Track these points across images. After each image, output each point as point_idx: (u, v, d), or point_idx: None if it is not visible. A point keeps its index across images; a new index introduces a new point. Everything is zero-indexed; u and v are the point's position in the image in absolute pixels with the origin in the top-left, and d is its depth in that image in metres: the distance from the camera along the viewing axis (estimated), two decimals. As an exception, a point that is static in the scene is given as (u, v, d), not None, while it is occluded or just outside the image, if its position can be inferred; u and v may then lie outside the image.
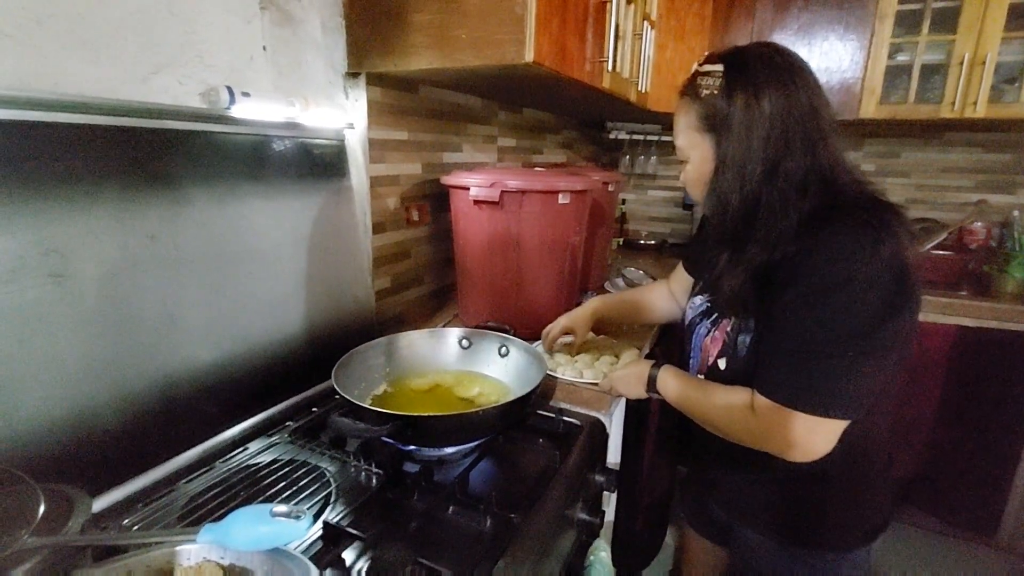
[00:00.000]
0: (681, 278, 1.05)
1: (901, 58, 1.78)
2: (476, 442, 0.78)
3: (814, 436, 0.62)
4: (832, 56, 1.80)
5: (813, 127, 0.66)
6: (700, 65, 0.71)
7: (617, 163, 2.47)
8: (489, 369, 0.97)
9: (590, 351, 1.07)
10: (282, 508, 0.43)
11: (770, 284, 0.66)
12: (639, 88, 1.48)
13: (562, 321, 1.04)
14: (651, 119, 2.16)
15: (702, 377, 0.79)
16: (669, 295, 1.09)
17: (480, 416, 0.70)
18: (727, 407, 0.70)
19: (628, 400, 1.06)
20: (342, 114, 1.06)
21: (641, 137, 2.24)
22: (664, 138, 2.23)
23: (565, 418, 0.89)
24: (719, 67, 0.67)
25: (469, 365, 0.98)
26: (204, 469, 0.75)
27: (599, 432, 0.90)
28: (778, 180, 0.65)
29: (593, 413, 0.93)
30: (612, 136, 2.24)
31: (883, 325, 0.59)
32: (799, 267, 0.62)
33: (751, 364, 0.69)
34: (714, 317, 0.79)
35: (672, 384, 0.79)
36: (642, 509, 1.27)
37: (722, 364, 0.73)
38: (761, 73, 0.65)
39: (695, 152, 0.73)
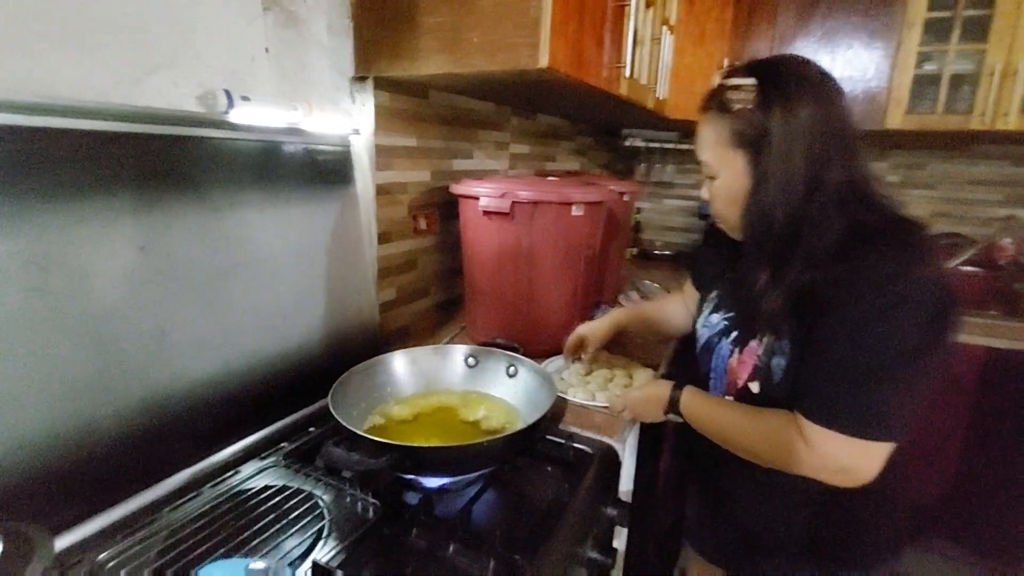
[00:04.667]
0: (691, 293, 1.01)
1: (929, 67, 1.71)
2: (481, 472, 0.73)
3: (867, 461, 0.60)
4: (856, 64, 1.73)
5: (849, 139, 0.64)
6: (725, 78, 0.67)
7: (632, 171, 2.42)
8: (496, 389, 0.92)
9: (602, 371, 1.01)
10: (259, 566, 0.38)
11: (808, 305, 0.62)
12: (657, 95, 1.43)
13: (580, 331, 1.01)
14: (668, 126, 2.10)
15: (730, 399, 0.74)
16: (684, 309, 1.05)
17: (485, 447, 0.64)
18: (768, 432, 0.66)
19: (642, 423, 1.01)
20: (348, 119, 1.01)
21: (657, 145, 2.19)
22: (681, 146, 2.18)
23: (576, 444, 0.83)
24: (751, 80, 0.64)
25: (475, 384, 0.93)
26: (192, 495, 0.71)
27: (611, 461, 0.85)
28: (820, 195, 0.62)
29: (605, 439, 0.88)
30: (628, 144, 2.19)
31: (933, 347, 0.58)
32: (844, 289, 0.59)
33: (787, 388, 0.66)
34: (734, 336, 0.74)
35: (698, 406, 0.75)
36: (653, 538, 1.21)
37: (755, 388, 0.69)
38: (796, 85, 0.62)
39: (726, 169, 0.69)
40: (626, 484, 0.97)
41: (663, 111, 1.58)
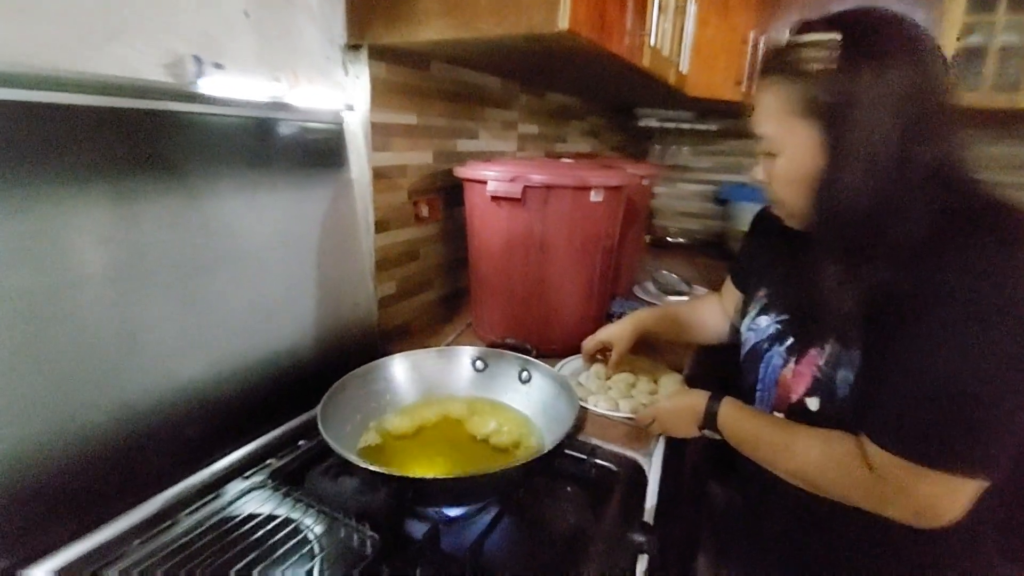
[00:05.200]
0: (732, 293, 0.90)
1: (974, 39, 1.58)
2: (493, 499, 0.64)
3: (951, 500, 0.50)
4: (894, 36, 1.60)
5: (948, 110, 0.53)
6: (798, 34, 0.56)
7: (647, 153, 2.29)
8: (508, 397, 0.82)
9: (624, 375, 0.92)
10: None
11: (886, 309, 0.52)
12: (679, 69, 1.31)
13: (600, 335, 0.91)
14: (685, 105, 1.97)
15: (780, 415, 0.64)
16: (722, 312, 0.94)
17: (499, 476, 0.55)
18: (826, 458, 0.56)
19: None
20: (340, 94, 0.91)
21: (673, 125, 2.07)
22: (698, 126, 2.05)
23: (598, 460, 0.75)
24: (833, 36, 0.53)
25: (484, 391, 0.84)
26: (166, 524, 0.62)
27: (638, 478, 0.76)
28: (910, 176, 0.51)
29: (630, 453, 0.79)
30: (642, 124, 2.06)
31: None
32: (933, 290, 0.49)
33: (853, 406, 0.56)
34: (789, 343, 0.64)
35: (740, 422, 0.65)
36: (675, 563, 1.13)
37: (813, 404, 0.59)
38: (889, 42, 0.51)
39: (793, 144, 0.58)
40: (650, 500, 0.88)
41: (683, 87, 1.46)
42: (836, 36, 0.53)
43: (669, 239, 2.16)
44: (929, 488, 0.50)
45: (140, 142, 0.63)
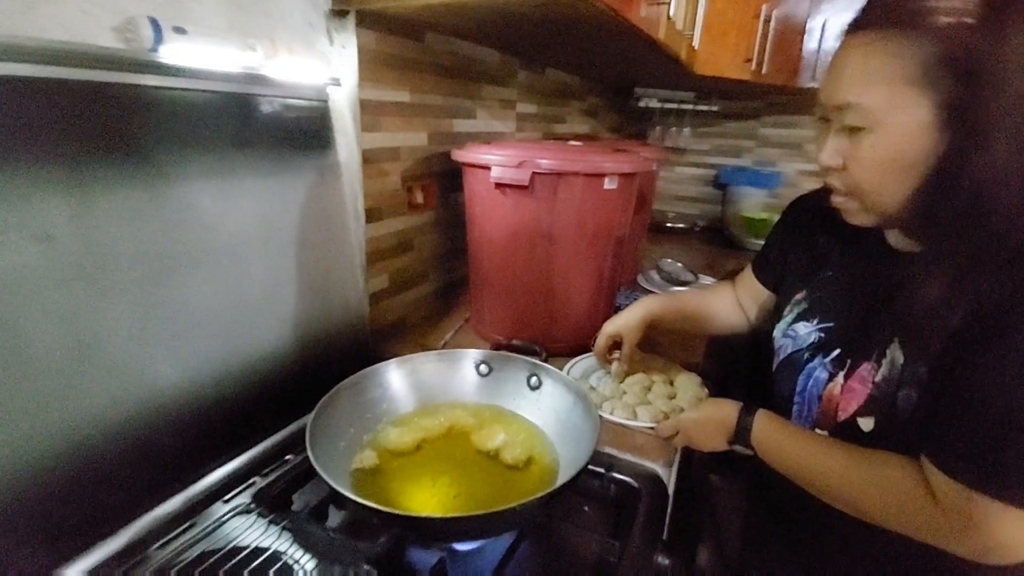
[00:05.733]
0: (751, 287, 0.84)
1: None
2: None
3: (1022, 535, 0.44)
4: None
5: None
6: None
7: (645, 135, 2.21)
8: (516, 404, 0.75)
9: (638, 376, 0.85)
10: None
11: (967, 321, 0.46)
12: (692, 44, 1.22)
13: (607, 329, 0.83)
14: (687, 84, 1.89)
15: (823, 433, 0.58)
16: (736, 304, 0.87)
17: (517, 512, 0.48)
18: (882, 484, 0.50)
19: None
20: (325, 66, 0.81)
21: (674, 106, 1.98)
22: (700, 107, 1.97)
23: (616, 475, 0.69)
24: None
25: (490, 397, 0.76)
26: (135, 559, 0.54)
27: (659, 494, 0.70)
28: None
29: (649, 465, 0.73)
30: (642, 104, 1.97)
31: None
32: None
33: (916, 428, 0.49)
34: (836, 355, 0.58)
35: (779, 439, 0.59)
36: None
37: (866, 425, 0.53)
38: None
39: (898, 116, 0.47)
40: (670, 516, 0.83)
41: (692, 65, 1.37)
42: None
43: (668, 224, 2.09)
44: (1005, 526, 0.44)
45: (92, 120, 0.53)
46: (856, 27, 0.49)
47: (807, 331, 0.62)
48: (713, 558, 1.13)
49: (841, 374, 0.56)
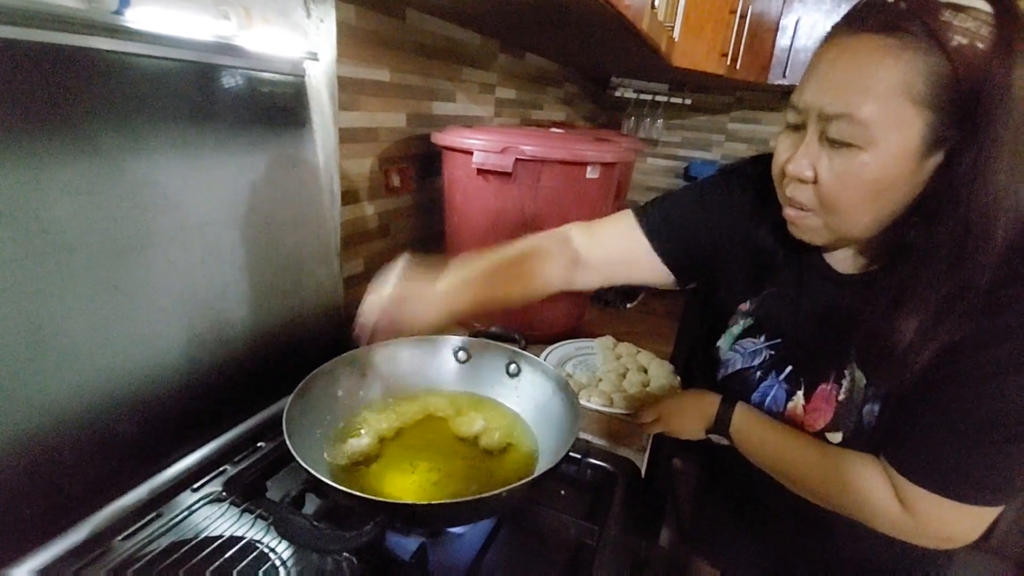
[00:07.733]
0: (616, 238, 0.69)
1: None
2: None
3: (977, 526, 0.49)
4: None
5: None
6: None
7: (619, 125, 2.22)
8: (494, 391, 0.75)
9: (614, 365, 0.87)
10: None
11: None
12: (672, 35, 1.23)
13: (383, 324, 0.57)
14: (661, 76, 1.90)
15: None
16: (571, 260, 0.68)
17: (502, 498, 0.49)
18: (851, 481, 0.53)
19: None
20: (302, 40, 0.77)
21: (648, 97, 1.99)
22: (674, 99, 1.99)
23: (592, 460, 0.70)
24: (983, 5, 0.40)
25: (469, 385, 0.76)
26: (97, 551, 0.52)
27: (634, 480, 0.71)
28: None
29: (624, 451, 0.74)
30: (618, 93, 1.98)
31: None
32: (992, 330, 0.44)
33: (882, 436, 0.52)
34: (788, 372, 0.59)
35: (755, 431, 0.61)
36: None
37: (835, 438, 0.55)
38: None
39: (893, 135, 0.42)
40: (645, 501, 0.85)
41: (670, 57, 1.38)
42: (986, 6, 0.40)
43: (639, 215, 2.12)
44: (964, 520, 0.48)
45: (45, 87, 0.49)
46: (856, 28, 0.44)
47: (755, 347, 0.62)
48: (674, 537, 1.18)
49: (799, 393, 0.57)
